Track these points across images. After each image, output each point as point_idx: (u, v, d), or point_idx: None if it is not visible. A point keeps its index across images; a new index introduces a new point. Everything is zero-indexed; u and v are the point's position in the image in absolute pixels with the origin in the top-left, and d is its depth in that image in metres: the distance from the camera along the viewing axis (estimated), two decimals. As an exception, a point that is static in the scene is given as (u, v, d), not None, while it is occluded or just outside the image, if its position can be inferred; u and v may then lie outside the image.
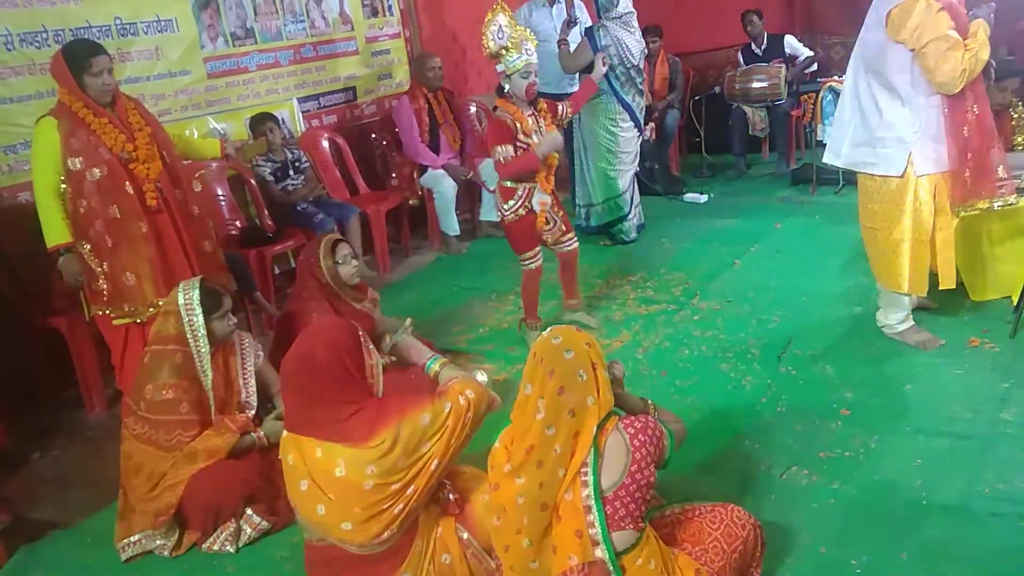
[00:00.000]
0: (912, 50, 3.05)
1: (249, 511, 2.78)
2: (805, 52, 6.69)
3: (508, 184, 3.68)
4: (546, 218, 3.74)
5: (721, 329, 3.90)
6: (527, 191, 3.68)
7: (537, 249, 3.81)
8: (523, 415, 2.01)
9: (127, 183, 3.23)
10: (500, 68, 3.57)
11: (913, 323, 3.53)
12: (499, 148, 3.57)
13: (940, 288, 3.39)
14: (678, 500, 2.29)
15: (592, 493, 1.91)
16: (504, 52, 3.53)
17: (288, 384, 2.28)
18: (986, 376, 3.18)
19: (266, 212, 4.67)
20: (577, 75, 5.16)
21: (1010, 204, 3.21)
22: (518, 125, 3.59)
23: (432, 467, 2.21)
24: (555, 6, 5.61)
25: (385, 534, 2.18)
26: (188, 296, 2.82)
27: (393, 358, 2.90)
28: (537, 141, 3.62)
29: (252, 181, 4.69)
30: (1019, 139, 4.01)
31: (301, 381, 2.22)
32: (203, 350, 2.81)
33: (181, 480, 2.71)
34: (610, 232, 5.35)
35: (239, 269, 4.00)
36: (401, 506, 2.18)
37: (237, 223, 4.76)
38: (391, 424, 2.17)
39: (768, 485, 2.69)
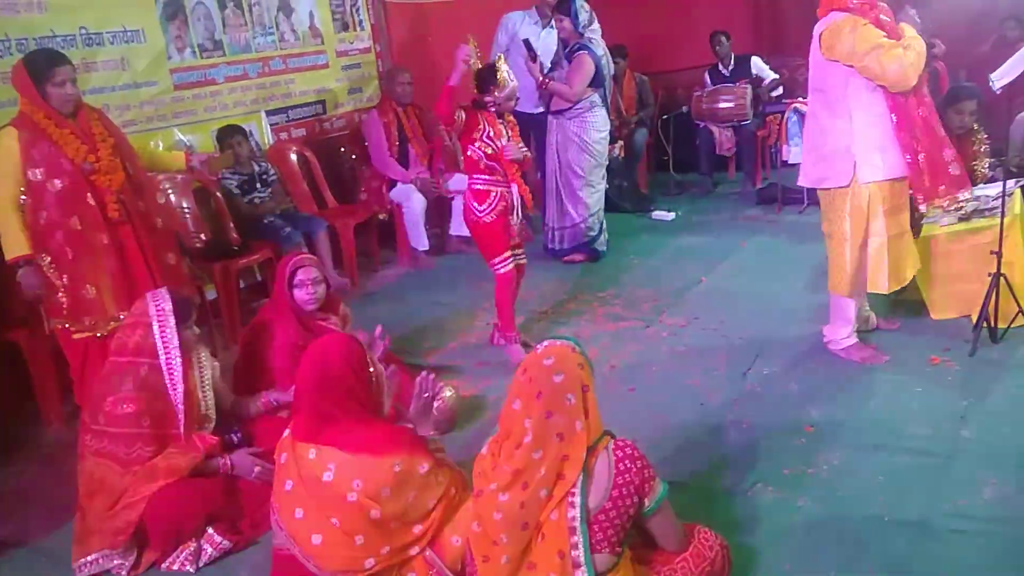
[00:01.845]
0: (851, 66, 3.20)
1: (210, 530, 2.73)
2: (771, 75, 6.80)
3: (481, 187, 3.72)
4: (518, 214, 3.83)
5: (689, 346, 3.93)
6: (499, 195, 3.74)
7: (509, 252, 3.84)
8: (509, 429, 2.00)
9: (88, 194, 3.18)
10: (492, 96, 3.70)
11: (857, 340, 3.59)
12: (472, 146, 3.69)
13: (869, 291, 3.51)
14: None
15: (579, 515, 1.91)
16: (503, 82, 3.66)
17: (303, 404, 2.33)
18: (946, 394, 3.24)
19: (232, 225, 4.62)
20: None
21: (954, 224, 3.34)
22: (489, 129, 3.70)
23: (412, 552, 2.27)
24: (546, 29, 5.62)
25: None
26: (161, 306, 2.78)
27: None
28: (505, 144, 3.73)
29: (217, 194, 4.64)
30: (980, 164, 4.09)
31: (313, 401, 2.29)
32: (175, 361, 2.76)
33: (141, 497, 2.65)
34: (591, 248, 5.33)
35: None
36: (372, 561, 2.22)
37: (202, 236, 4.69)
38: (395, 454, 2.23)
39: (734, 501, 2.71)
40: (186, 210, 4.65)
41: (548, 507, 1.93)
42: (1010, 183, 3.60)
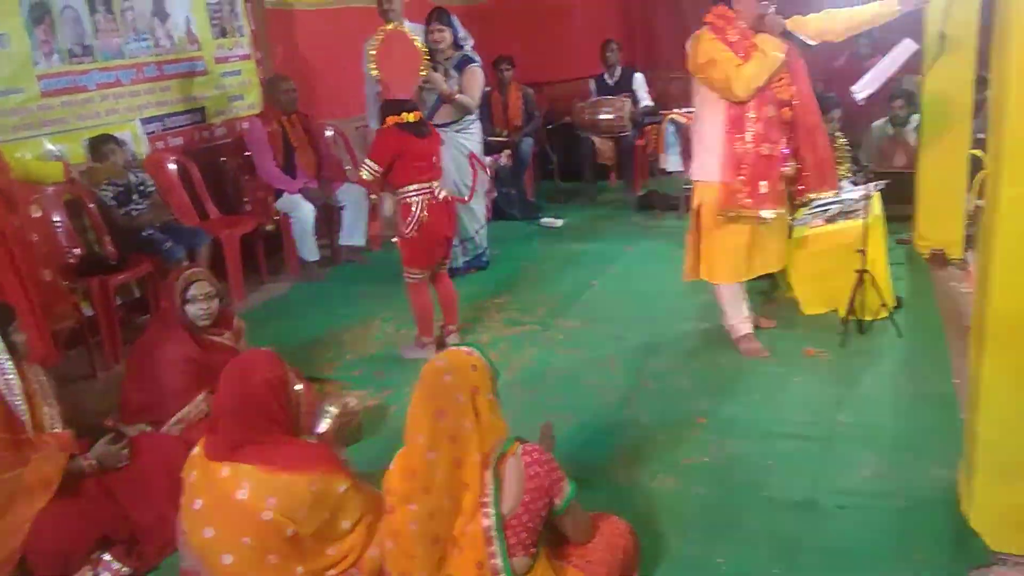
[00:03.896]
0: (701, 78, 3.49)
1: (107, 556, 2.59)
2: (646, 100, 7.06)
3: (405, 201, 3.77)
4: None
5: (584, 347, 4.05)
6: (420, 205, 3.78)
7: (424, 269, 3.92)
8: (410, 438, 2.01)
9: (-44, 209, 2.98)
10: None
11: (750, 332, 3.81)
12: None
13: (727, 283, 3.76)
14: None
15: (494, 524, 1.92)
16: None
17: (220, 423, 2.26)
18: (822, 383, 3.49)
19: (108, 239, 4.39)
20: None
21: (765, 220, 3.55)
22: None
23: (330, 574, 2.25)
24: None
25: None
26: None
27: None
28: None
29: (91, 206, 4.40)
30: (841, 168, 4.42)
31: (230, 420, 2.24)
32: (6, 364, 2.62)
33: (23, 521, 2.48)
34: (481, 259, 5.35)
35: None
36: None
37: (76, 251, 4.44)
38: (311, 472, 2.20)
39: (638, 492, 2.82)
40: (57, 224, 4.39)
41: (460, 520, 1.94)
42: (870, 186, 3.91)
